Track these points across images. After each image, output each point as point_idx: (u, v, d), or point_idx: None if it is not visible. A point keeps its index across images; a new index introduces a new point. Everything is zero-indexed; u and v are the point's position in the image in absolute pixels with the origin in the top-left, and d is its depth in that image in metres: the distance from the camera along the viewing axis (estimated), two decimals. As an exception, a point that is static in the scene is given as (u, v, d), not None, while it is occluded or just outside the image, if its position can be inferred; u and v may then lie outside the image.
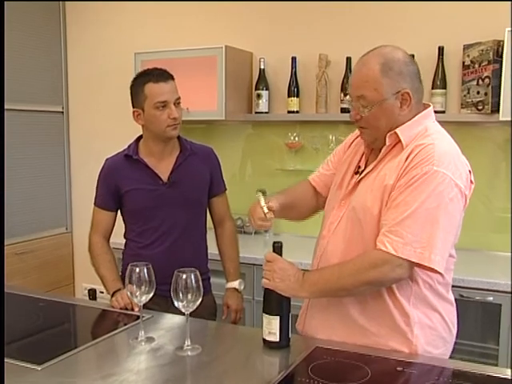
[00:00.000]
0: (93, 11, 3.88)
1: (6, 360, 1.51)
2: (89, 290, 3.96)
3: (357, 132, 1.79)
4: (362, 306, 1.62)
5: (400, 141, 1.59)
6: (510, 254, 2.79)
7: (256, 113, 3.34)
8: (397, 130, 1.59)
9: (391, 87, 1.56)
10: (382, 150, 1.63)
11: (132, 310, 1.94)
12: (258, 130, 3.51)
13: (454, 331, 1.71)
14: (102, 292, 3.79)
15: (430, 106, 1.67)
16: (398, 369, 1.48)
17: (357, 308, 1.63)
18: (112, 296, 2.04)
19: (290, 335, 1.62)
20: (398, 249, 1.48)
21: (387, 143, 1.61)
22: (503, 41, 2.54)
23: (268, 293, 1.62)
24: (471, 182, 1.60)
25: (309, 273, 1.65)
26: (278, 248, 1.65)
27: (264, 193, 1.82)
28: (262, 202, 1.70)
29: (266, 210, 1.69)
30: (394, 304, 1.59)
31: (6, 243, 3.54)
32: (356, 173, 1.71)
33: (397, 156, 1.59)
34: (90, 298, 3.68)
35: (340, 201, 1.72)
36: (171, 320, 1.89)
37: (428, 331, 1.62)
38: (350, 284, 1.55)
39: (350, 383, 1.40)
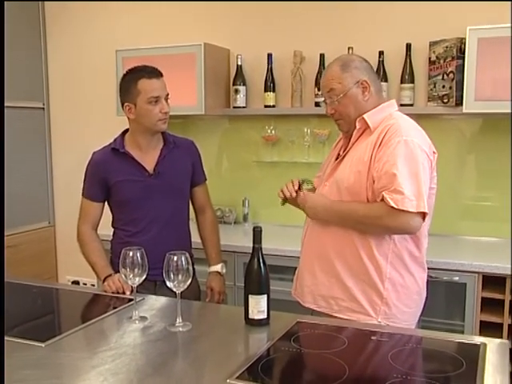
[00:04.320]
0: (73, 8, 3.94)
1: (11, 339, 1.62)
2: (72, 282, 4.06)
3: (336, 141, 2.18)
4: (345, 263, 1.94)
5: (368, 125, 1.94)
6: (476, 238, 3.04)
7: (234, 107, 3.46)
8: (364, 116, 1.95)
9: (351, 78, 1.95)
10: (354, 133, 1.96)
11: (123, 293, 2.06)
12: (235, 124, 3.62)
13: (424, 295, 2.00)
14: (85, 284, 3.91)
15: (392, 100, 2.06)
16: (372, 338, 1.64)
17: (342, 264, 1.94)
18: (103, 281, 2.16)
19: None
20: (398, 203, 1.78)
21: (357, 127, 1.96)
22: (465, 38, 2.71)
23: (253, 275, 1.73)
24: (434, 152, 1.92)
25: (337, 203, 1.95)
26: (257, 233, 1.75)
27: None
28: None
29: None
30: (371, 261, 1.90)
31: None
32: (336, 159, 2.06)
33: (366, 138, 1.94)
34: (73, 290, 3.77)
35: (324, 182, 2.04)
36: (160, 302, 2.02)
37: (400, 289, 1.90)
38: (368, 223, 1.87)
39: (329, 350, 1.56)
